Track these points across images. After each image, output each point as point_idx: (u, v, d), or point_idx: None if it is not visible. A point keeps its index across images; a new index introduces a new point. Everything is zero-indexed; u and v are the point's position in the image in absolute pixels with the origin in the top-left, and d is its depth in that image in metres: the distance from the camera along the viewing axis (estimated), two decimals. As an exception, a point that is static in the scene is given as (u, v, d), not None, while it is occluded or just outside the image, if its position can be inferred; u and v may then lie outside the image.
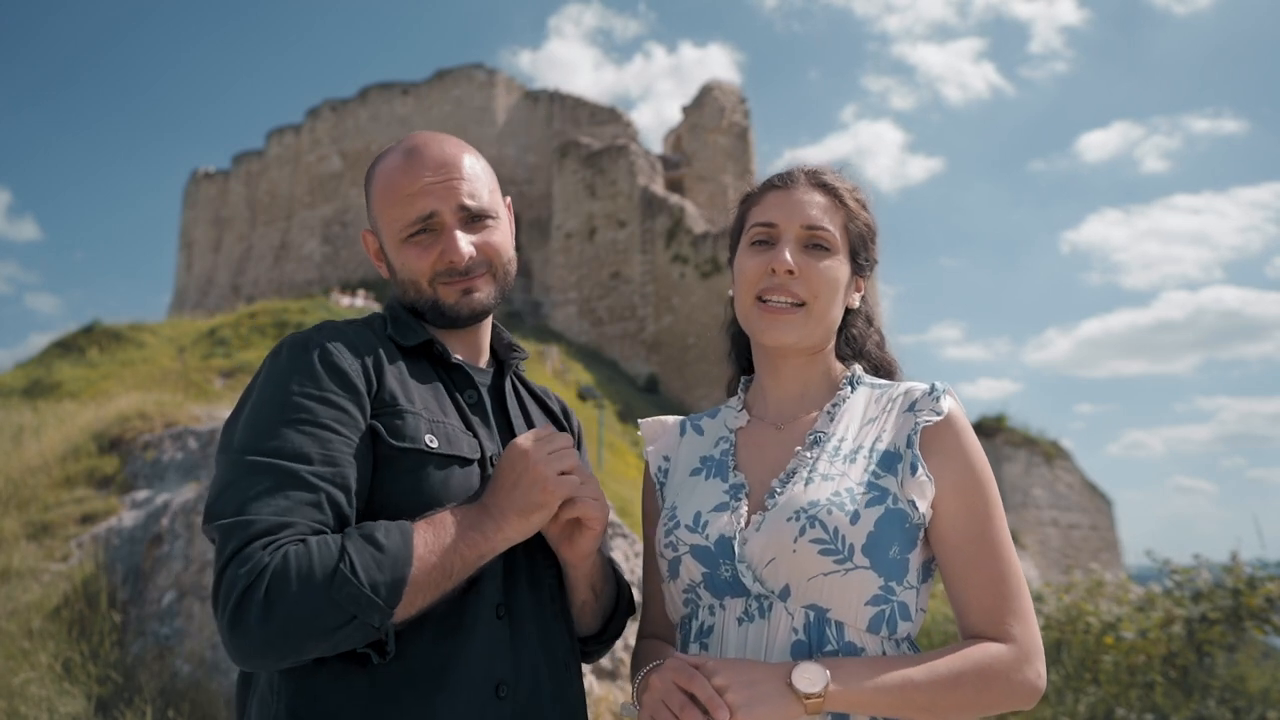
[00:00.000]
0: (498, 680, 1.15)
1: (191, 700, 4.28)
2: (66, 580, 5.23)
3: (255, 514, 1.02)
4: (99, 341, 19.00)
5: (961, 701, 1.11)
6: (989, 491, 1.21)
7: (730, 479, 1.30)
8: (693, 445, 1.41)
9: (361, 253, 38.25)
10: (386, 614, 1.01)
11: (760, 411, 1.37)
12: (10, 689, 4.18)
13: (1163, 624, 5.12)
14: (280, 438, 1.07)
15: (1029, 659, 1.14)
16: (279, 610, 0.96)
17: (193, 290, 46.06)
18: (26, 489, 6.68)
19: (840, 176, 1.36)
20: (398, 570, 1.02)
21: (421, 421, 1.18)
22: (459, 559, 1.07)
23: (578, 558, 1.23)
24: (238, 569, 0.98)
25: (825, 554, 1.15)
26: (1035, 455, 28.33)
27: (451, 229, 1.26)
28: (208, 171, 48.82)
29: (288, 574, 0.97)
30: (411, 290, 1.29)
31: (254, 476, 1.05)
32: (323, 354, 1.15)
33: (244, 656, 0.99)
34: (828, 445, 1.25)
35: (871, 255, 1.37)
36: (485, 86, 39.68)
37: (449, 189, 1.26)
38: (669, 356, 28.49)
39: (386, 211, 1.28)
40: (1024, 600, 1.18)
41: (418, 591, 1.04)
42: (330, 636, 0.99)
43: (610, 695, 4.51)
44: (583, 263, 31.44)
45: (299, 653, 0.99)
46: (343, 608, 0.98)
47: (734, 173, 34.33)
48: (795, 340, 1.29)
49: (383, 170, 1.30)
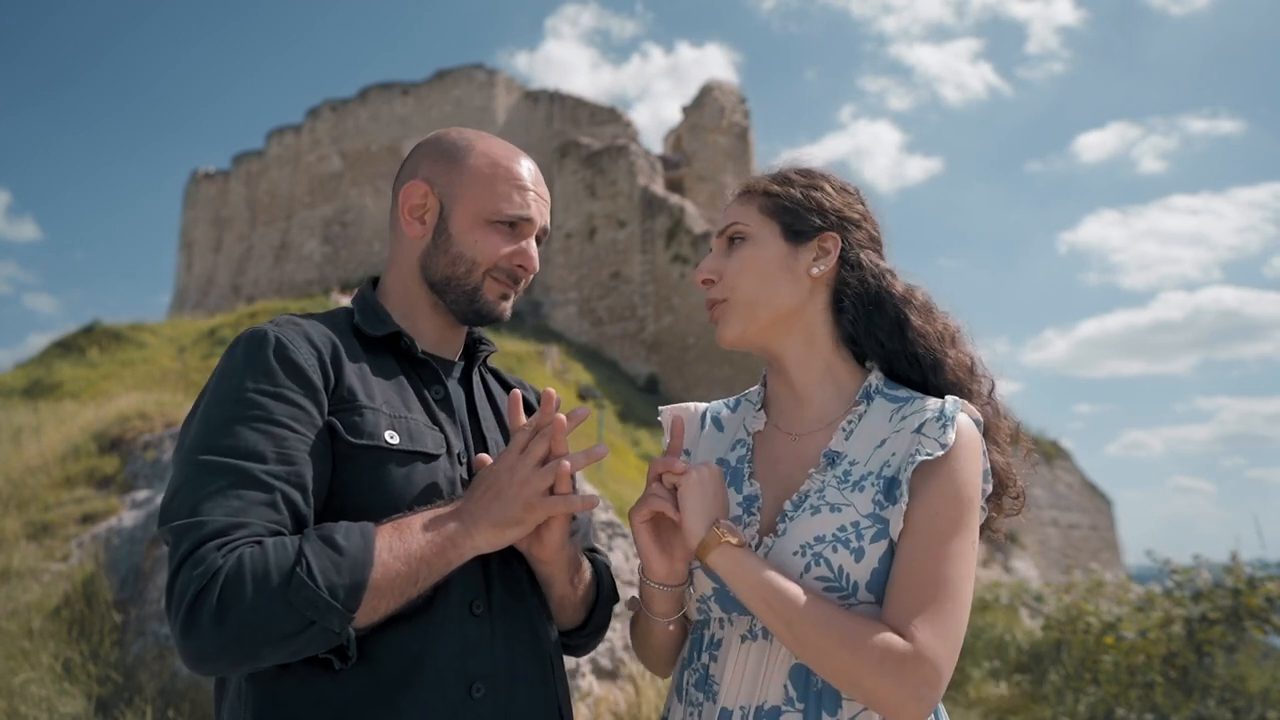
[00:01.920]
0: (472, 679, 1.12)
1: (191, 700, 4.27)
2: (66, 580, 5.23)
3: (208, 514, 0.99)
4: (99, 341, 18.99)
5: (819, 644, 1.06)
6: (964, 513, 1.13)
7: (745, 489, 1.27)
8: (712, 442, 1.38)
9: (362, 253, 38.27)
10: (345, 619, 0.98)
11: (776, 416, 1.33)
12: (10, 689, 4.18)
13: (1163, 624, 5.13)
14: (234, 436, 1.04)
15: (917, 664, 1.04)
16: (233, 615, 0.93)
17: (193, 290, 46.04)
18: (26, 489, 6.68)
19: (773, 170, 1.34)
20: (357, 574, 0.98)
21: (381, 417, 1.14)
22: (424, 565, 1.04)
23: (548, 553, 1.20)
24: (190, 571, 0.95)
25: (830, 591, 1.13)
26: (1035, 455, 28.23)
27: (530, 239, 1.29)
28: (208, 171, 48.80)
29: (242, 577, 0.94)
30: (461, 269, 1.26)
31: (206, 476, 1.02)
32: (278, 349, 1.12)
33: (197, 661, 0.96)
34: (838, 469, 1.20)
35: (811, 224, 1.26)
36: (485, 86, 39.65)
37: (543, 206, 1.31)
38: (669, 356, 28.48)
39: (487, 187, 1.26)
40: (951, 621, 1.07)
41: (379, 596, 1.00)
42: (287, 643, 0.96)
43: (610, 695, 4.50)
44: (583, 263, 31.43)
45: (254, 659, 0.97)
46: (300, 612, 0.95)
47: (734, 173, 34.31)
48: (738, 333, 1.27)
49: (487, 149, 1.29)
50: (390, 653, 1.07)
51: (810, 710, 1.12)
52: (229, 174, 47.50)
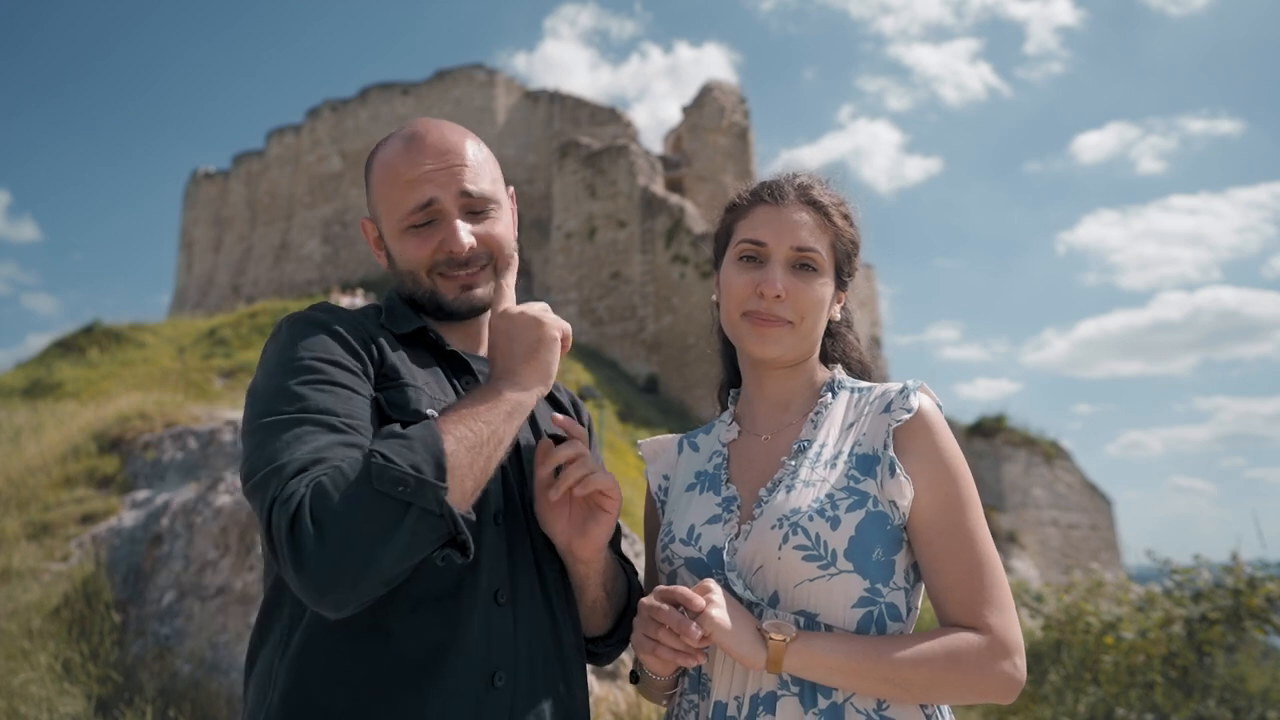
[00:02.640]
0: (494, 669, 1.11)
1: (191, 700, 4.28)
2: (66, 580, 5.23)
3: (288, 457, 0.97)
4: (99, 341, 19.00)
5: (928, 680, 1.11)
6: (963, 484, 1.20)
7: (723, 492, 1.31)
8: (689, 461, 1.43)
9: (362, 253, 38.25)
10: (439, 491, 0.95)
11: (749, 423, 1.38)
12: (10, 689, 4.18)
13: (1163, 624, 5.12)
14: (301, 398, 1.04)
15: (1006, 650, 1.13)
16: (331, 527, 0.91)
17: (193, 290, 46.04)
18: (26, 489, 6.68)
19: (828, 190, 1.35)
20: (432, 446, 0.97)
21: (423, 395, 1.15)
22: (483, 424, 1.03)
23: (591, 551, 1.20)
24: (281, 510, 0.93)
25: (809, 560, 1.16)
26: (1035, 455, 28.32)
27: (452, 218, 1.23)
28: (208, 171, 48.80)
29: (326, 492, 0.92)
30: (410, 281, 1.26)
31: (280, 432, 1.01)
32: (325, 325, 1.14)
33: (319, 594, 0.92)
34: (809, 452, 1.26)
35: (854, 269, 1.38)
36: (485, 86, 39.66)
37: (450, 175, 1.23)
38: (669, 356, 28.48)
39: (386, 198, 1.25)
40: (1001, 591, 1.17)
41: (458, 469, 0.99)
42: (394, 536, 0.93)
43: (610, 695, 4.51)
44: (583, 263, 31.44)
45: (372, 568, 0.93)
46: (391, 497, 0.92)
47: (734, 173, 34.32)
48: (782, 353, 1.30)
49: (382, 157, 1.27)
50: (415, 637, 1.07)
51: (806, 693, 1.15)
52: (229, 174, 47.50)
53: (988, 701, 1.14)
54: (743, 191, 1.40)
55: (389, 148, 1.27)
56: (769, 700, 1.15)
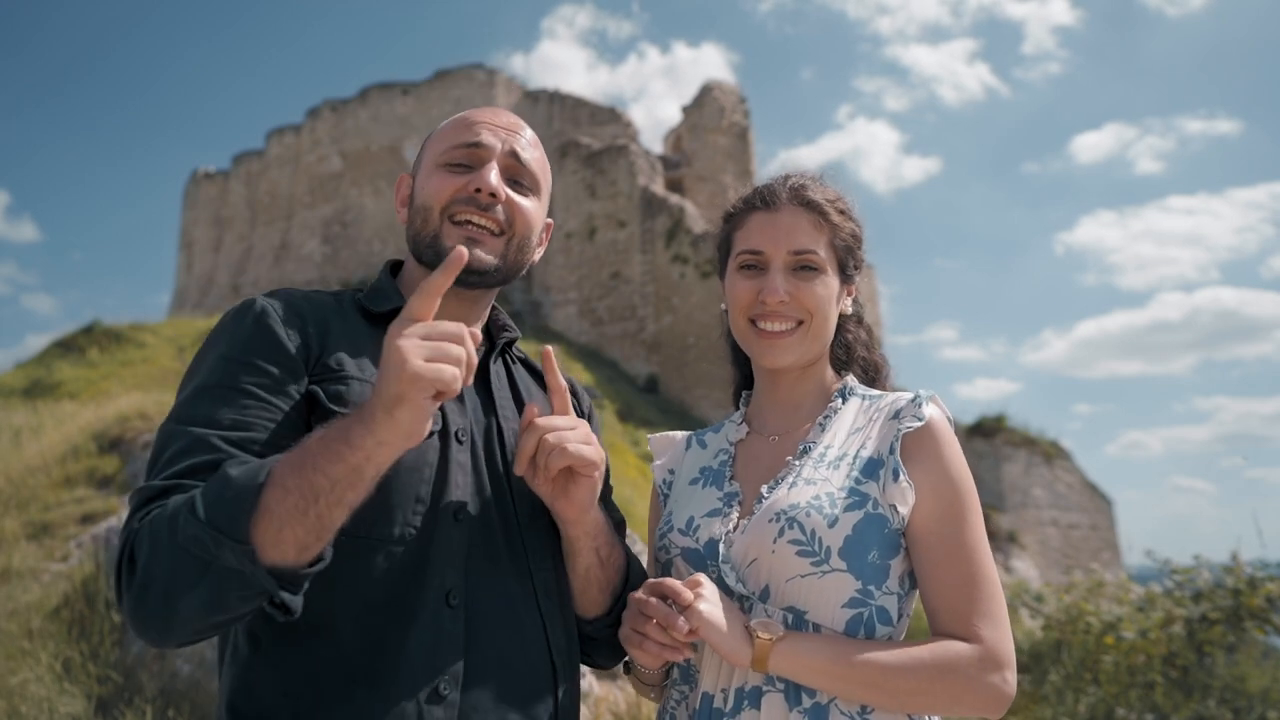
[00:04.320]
0: (438, 677, 1.05)
1: (192, 700, 4.27)
2: (66, 580, 5.22)
3: (154, 478, 1.01)
4: (99, 341, 18.98)
5: (914, 689, 1.11)
6: (966, 497, 1.21)
7: (725, 487, 1.33)
8: (696, 457, 1.45)
9: (363, 252, 38.24)
10: (238, 550, 0.88)
11: (759, 424, 1.40)
12: (10, 689, 4.18)
13: (1163, 624, 5.12)
14: (197, 404, 1.06)
15: (997, 663, 1.13)
16: (140, 573, 0.92)
17: (193, 290, 46.02)
18: (26, 489, 6.67)
19: (822, 186, 1.36)
20: (242, 498, 0.89)
21: (369, 389, 1.08)
22: (321, 475, 0.90)
23: (575, 510, 1.16)
24: (123, 545, 0.96)
25: (802, 555, 1.16)
26: (1035, 455, 28.28)
27: (492, 165, 1.22)
28: (208, 171, 48.76)
29: (143, 538, 0.93)
30: (419, 221, 1.24)
31: (167, 442, 1.04)
32: (259, 318, 1.13)
33: (139, 633, 0.96)
34: (814, 453, 1.28)
35: (858, 260, 1.39)
36: (485, 87, 39.63)
37: (508, 134, 1.26)
38: (669, 356, 28.45)
39: (436, 142, 1.27)
40: (996, 604, 1.16)
41: (278, 522, 0.89)
42: (195, 591, 0.89)
43: (610, 695, 4.50)
44: (583, 263, 31.41)
45: (175, 619, 0.92)
46: (189, 552, 0.89)
47: (734, 173, 34.31)
48: (793, 360, 1.32)
49: (449, 119, 1.31)
50: (358, 642, 1.04)
51: (790, 691, 1.15)
52: (229, 174, 47.46)
53: (974, 715, 1.13)
54: (737, 200, 1.41)
55: (464, 113, 1.31)
56: (754, 695, 1.16)
